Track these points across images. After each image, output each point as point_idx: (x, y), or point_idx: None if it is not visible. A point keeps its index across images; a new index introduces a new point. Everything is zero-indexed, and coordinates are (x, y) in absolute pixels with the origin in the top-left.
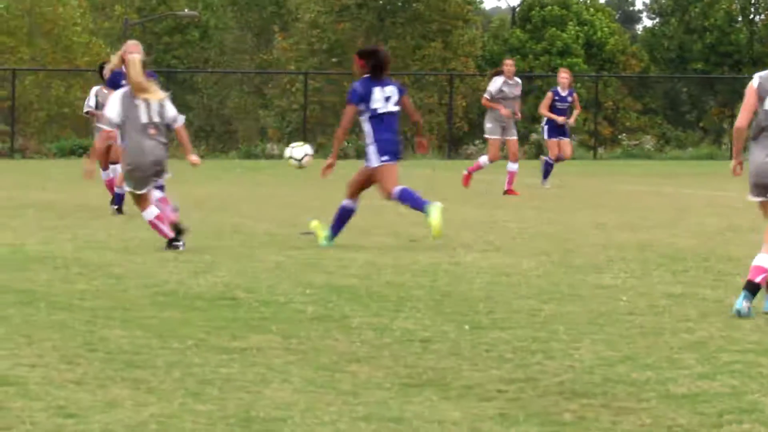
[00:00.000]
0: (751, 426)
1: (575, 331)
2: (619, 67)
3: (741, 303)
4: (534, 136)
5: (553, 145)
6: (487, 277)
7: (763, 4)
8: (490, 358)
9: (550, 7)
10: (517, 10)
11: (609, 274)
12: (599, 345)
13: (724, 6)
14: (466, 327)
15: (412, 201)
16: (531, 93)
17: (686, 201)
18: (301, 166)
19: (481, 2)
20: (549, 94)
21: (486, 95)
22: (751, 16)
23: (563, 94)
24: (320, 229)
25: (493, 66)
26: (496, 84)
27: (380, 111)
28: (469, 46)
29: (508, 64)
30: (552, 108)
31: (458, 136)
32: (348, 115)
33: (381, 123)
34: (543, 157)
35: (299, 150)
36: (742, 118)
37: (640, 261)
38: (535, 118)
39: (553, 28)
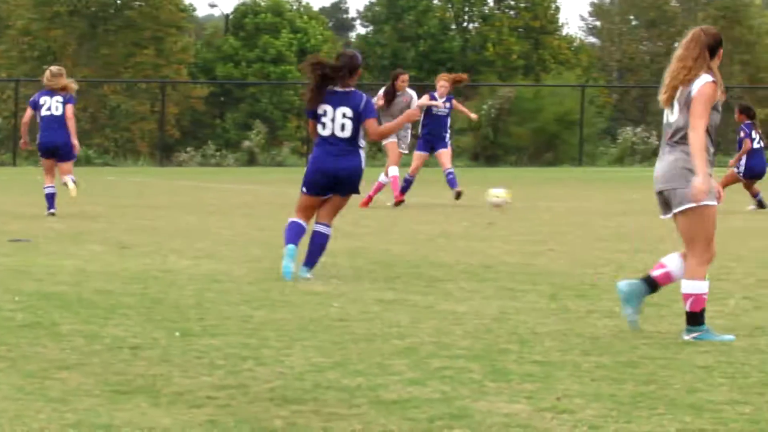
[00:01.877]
0: (461, 431)
1: (286, 338)
2: None
3: None
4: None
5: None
6: (199, 284)
7: (476, 12)
8: (201, 365)
9: (263, 15)
10: (231, 17)
11: (320, 280)
12: (310, 351)
13: (437, 14)
14: (177, 334)
15: None
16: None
17: (400, 209)
18: (498, 206)
19: (194, 10)
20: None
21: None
22: (465, 24)
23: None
24: None
25: (206, 73)
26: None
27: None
28: (182, 54)
29: (401, 79)
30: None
31: (170, 144)
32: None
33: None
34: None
35: (502, 196)
36: None
37: (353, 267)
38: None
39: (267, 36)
